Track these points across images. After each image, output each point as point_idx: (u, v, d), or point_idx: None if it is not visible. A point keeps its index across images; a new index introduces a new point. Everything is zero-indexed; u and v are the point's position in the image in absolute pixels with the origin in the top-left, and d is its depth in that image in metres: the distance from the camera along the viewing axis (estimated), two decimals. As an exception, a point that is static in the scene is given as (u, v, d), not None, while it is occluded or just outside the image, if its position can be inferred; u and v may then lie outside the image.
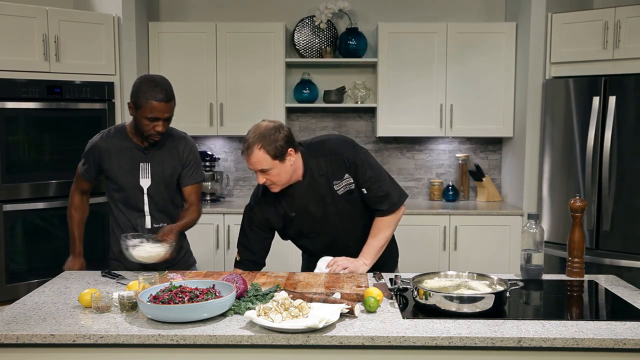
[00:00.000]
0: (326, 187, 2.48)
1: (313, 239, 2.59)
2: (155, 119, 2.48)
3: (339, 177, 2.48)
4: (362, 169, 2.48)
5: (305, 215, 2.52)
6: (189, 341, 1.79)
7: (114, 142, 2.62)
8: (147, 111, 2.46)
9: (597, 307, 2.26)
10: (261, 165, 2.34)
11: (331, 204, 2.50)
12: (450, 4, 4.77)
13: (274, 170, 2.36)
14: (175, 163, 2.66)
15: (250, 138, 2.34)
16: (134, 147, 2.61)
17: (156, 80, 2.50)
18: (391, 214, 2.53)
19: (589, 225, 3.88)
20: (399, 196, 2.55)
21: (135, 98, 2.48)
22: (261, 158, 2.33)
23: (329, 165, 2.48)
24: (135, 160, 2.61)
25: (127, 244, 2.42)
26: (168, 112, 2.50)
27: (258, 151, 2.32)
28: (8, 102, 3.74)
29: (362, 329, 1.84)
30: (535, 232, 2.42)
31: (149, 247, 2.39)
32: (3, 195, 3.75)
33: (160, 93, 2.46)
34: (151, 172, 2.61)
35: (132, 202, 2.64)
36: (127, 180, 2.61)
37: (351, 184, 2.49)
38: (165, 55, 4.50)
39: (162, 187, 2.65)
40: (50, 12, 3.86)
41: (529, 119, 4.24)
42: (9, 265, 3.78)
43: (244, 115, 4.54)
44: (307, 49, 4.73)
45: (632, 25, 3.77)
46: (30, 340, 1.80)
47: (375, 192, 2.50)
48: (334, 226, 2.54)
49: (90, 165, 2.67)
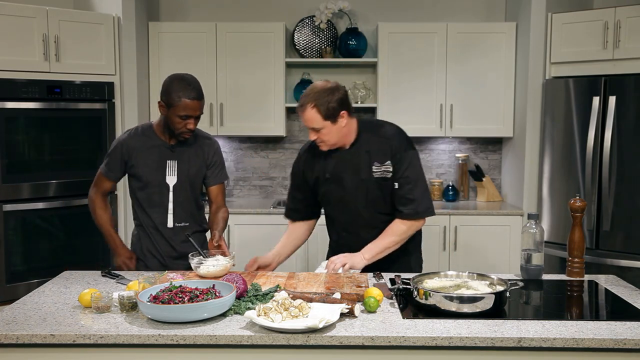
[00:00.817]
0: (366, 164, 2.52)
1: (337, 209, 2.62)
2: (188, 117, 2.54)
3: (381, 161, 2.51)
4: (403, 164, 2.50)
5: (337, 183, 2.56)
6: (189, 341, 1.79)
7: (141, 140, 2.66)
8: (179, 109, 2.51)
9: (597, 307, 2.26)
10: (312, 123, 2.43)
11: (364, 182, 2.53)
12: (450, 4, 4.77)
13: (324, 129, 2.44)
14: (200, 163, 2.72)
15: (305, 96, 2.44)
16: (162, 145, 2.66)
17: (187, 79, 2.56)
18: (410, 220, 2.52)
19: (589, 225, 3.88)
20: (425, 209, 2.54)
21: (167, 97, 2.54)
22: (313, 117, 2.41)
23: (376, 146, 2.53)
24: (162, 157, 2.65)
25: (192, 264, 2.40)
26: (199, 110, 2.56)
27: (310, 110, 2.41)
28: (8, 102, 3.74)
29: (362, 329, 1.84)
30: (535, 232, 2.42)
31: (210, 264, 2.37)
32: (3, 195, 3.75)
33: (192, 91, 2.53)
34: (177, 170, 2.66)
35: (157, 199, 2.66)
36: (154, 177, 2.64)
37: (389, 172, 2.51)
38: (165, 55, 4.50)
39: (188, 185, 2.70)
40: (50, 12, 3.86)
41: (529, 119, 4.24)
42: (9, 265, 3.78)
43: (244, 115, 4.54)
44: (307, 49, 4.73)
45: (632, 25, 3.77)
46: (30, 340, 1.80)
47: (404, 192, 2.51)
48: (358, 205, 2.56)
49: (116, 163, 2.68)
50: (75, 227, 4.04)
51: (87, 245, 4.11)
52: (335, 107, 2.41)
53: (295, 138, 4.89)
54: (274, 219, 4.27)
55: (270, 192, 4.93)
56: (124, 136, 2.71)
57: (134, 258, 2.71)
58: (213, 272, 2.33)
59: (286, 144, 4.90)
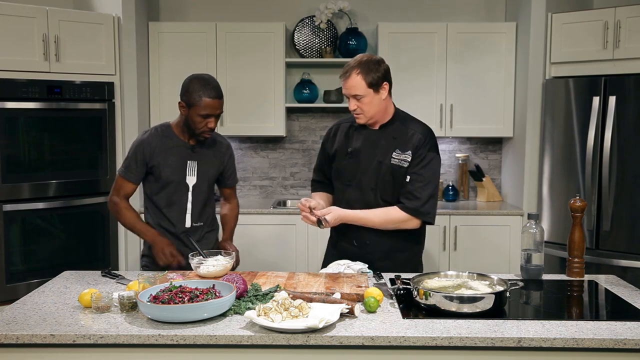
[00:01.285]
0: (387, 149, 2.55)
1: (348, 186, 2.64)
2: (208, 116, 2.56)
3: (402, 150, 2.54)
4: (423, 161, 2.53)
5: (356, 158, 2.60)
6: (189, 341, 1.79)
7: (162, 140, 2.66)
8: (200, 108, 2.54)
9: (597, 307, 2.26)
10: (355, 90, 2.46)
11: (380, 165, 2.55)
12: (450, 4, 4.77)
13: (366, 98, 2.47)
14: (218, 164, 2.76)
15: (351, 63, 2.48)
16: (183, 145, 2.66)
17: (206, 79, 2.59)
18: (408, 215, 2.52)
19: (589, 225, 3.88)
20: (427, 212, 2.54)
21: (188, 97, 2.56)
22: (357, 83, 2.45)
23: (404, 135, 2.56)
24: (183, 158, 2.66)
25: (192, 264, 2.40)
26: (220, 109, 2.59)
27: (356, 76, 2.45)
28: (8, 102, 3.74)
29: (362, 329, 1.84)
30: (535, 232, 2.42)
31: (210, 264, 2.37)
32: (3, 195, 3.75)
33: (212, 90, 2.56)
34: (197, 170, 2.68)
35: (176, 199, 2.67)
36: (174, 176, 2.64)
37: (407, 162, 2.53)
38: (165, 55, 4.50)
39: (206, 186, 2.72)
40: (50, 12, 3.86)
41: (529, 119, 4.24)
42: (8, 265, 3.78)
43: (244, 115, 4.54)
44: (307, 49, 4.73)
45: (632, 25, 3.77)
46: (30, 340, 1.80)
47: (413, 188, 2.52)
48: (368, 185, 2.58)
49: (137, 163, 2.65)
50: (75, 227, 4.04)
51: (87, 245, 4.11)
52: (379, 77, 2.47)
53: (295, 138, 4.89)
54: (274, 219, 4.27)
55: (270, 192, 4.93)
56: (145, 136, 2.68)
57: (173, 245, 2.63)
58: (213, 272, 2.33)
59: (286, 144, 4.90)
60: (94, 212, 4.11)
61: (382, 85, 2.49)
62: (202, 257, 2.43)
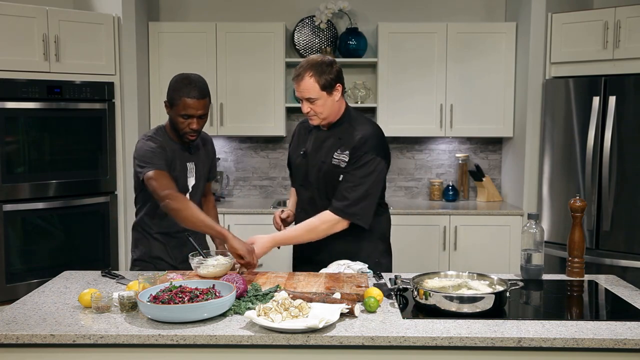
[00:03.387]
0: (331, 149, 2.56)
1: (300, 186, 2.68)
2: (189, 117, 2.49)
3: (343, 150, 2.54)
4: (357, 163, 2.49)
5: (305, 159, 2.63)
6: (189, 341, 1.79)
7: (167, 144, 2.59)
8: (181, 108, 2.48)
9: (597, 307, 2.26)
10: (309, 93, 2.45)
11: (323, 164, 2.56)
12: (450, 4, 4.77)
13: (319, 100, 2.46)
14: (208, 161, 2.76)
15: (302, 66, 2.45)
16: (181, 148, 2.63)
17: (190, 78, 2.51)
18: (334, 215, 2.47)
19: (589, 225, 3.88)
20: (355, 214, 2.46)
21: (170, 96, 2.52)
22: (310, 86, 2.43)
23: (347, 136, 2.54)
24: (183, 160, 2.62)
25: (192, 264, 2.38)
26: (202, 110, 2.50)
27: (309, 79, 2.43)
28: (8, 102, 3.74)
29: (362, 329, 1.84)
30: (535, 232, 2.42)
31: (210, 264, 2.35)
32: (3, 195, 3.75)
33: (193, 90, 2.48)
34: (196, 171, 2.66)
35: None
36: (181, 180, 2.59)
37: (345, 162, 2.52)
38: (165, 55, 4.50)
39: (202, 185, 2.72)
40: (50, 12, 3.86)
41: (529, 119, 4.24)
42: (8, 265, 3.78)
43: (244, 115, 4.54)
44: (307, 49, 4.73)
45: (632, 25, 3.77)
46: (30, 340, 1.80)
47: (343, 188, 2.49)
48: (314, 186, 2.61)
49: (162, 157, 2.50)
50: (75, 227, 4.04)
51: (87, 245, 4.11)
52: (332, 79, 2.45)
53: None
54: (274, 219, 4.27)
55: (270, 192, 4.93)
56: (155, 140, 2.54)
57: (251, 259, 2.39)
58: (213, 272, 2.33)
59: (286, 144, 4.89)
60: (94, 212, 4.11)
61: (335, 86, 2.46)
62: (202, 257, 2.42)
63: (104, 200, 4.12)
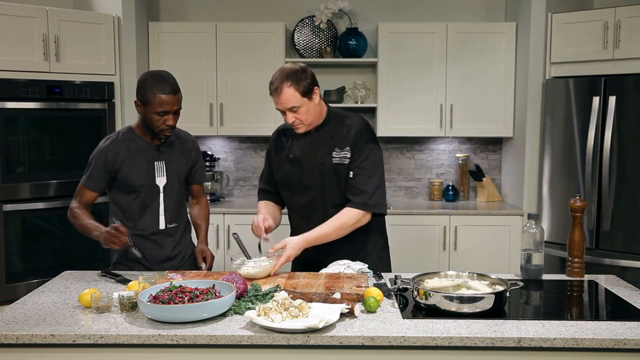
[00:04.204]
0: (327, 149, 2.55)
1: (295, 193, 2.64)
2: (165, 113, 2.49)
3: (340, 147, 2.54)
4: (362, 155, 2.52)
5: (298, 164, 2.60)
6: (189, 341, 1.79)
7: (125, 145, 2.59)
8: (156, 106, 2.47)
9: (597, 307, 2.26)
10: (291, 102, 2.44)
11: (322, 166, 2.55)
12: (450, 4, 4.77)
13: (302, 108, 2.46)
14: (186, 161, 2.71)
15: (278, 78, 2.44)
16: (147, 147, 2.60)
17: (161, 75, 2.53)
18: (358, 211, 2.50)
19: (589, 225, 3.88)
20: (376, 203, 2.52)
21: (143, 95, 2.50)
22: (291, 96, 2.42)
23: (340, 133, 2.55)
24: (149, 159, 2.60)
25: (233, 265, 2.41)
26: (177, 105, 2.52)
27: (288, 89, 2.42)
28: (8, 102, 3.74)
29: (362, 329, 1.84)
30: (535, 232, 2.42)
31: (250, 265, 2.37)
32: (3, 195, 3.75)
33: (167, 86, 2.48)
34: (166, 170, 2.63)
35: (148, 203, 2.62)
36: (144, 180, 2.59)
37: (347, 158, 2.53)
38: (165, 55, 4.50)
39: (177, 185, 2.68)
40: (50, 12, 3.86)
41: (529, 119, 4.24)
42: (8, 265, 3.78)
43: (244, 115, 4.54)
44: (307, 49, 4.73)
45: (632, 25, 3.77)
46: (30, 340, 1.80)
47: (357, 182, 2.51)
48: (314, 189, 2.58)
49: (99, 172, 2.58)
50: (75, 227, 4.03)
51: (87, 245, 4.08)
52: (309, 83, 2.46)
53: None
54: (274, 219, 4.27)
55: (270, 192, 4.93)
56: (106, 143, 2.60)
57: (116, 226, 2.44)
58: (252, 273, 2.34)
59: (286, 144, 4.89)
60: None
61: (313, 90, 2.48)
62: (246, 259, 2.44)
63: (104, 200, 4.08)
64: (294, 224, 2.72)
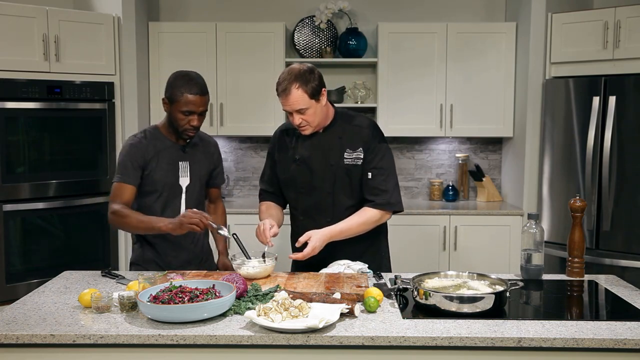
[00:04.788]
0: (337, 150, 2.54)
1: (302, 194, 2.62)
2: (191, 113, 2.49)
3: (353, 148, 2.53)
4: (377, 155, 2.53)
5: (306, 165, 2.57)
6: (189, 341, 1.79)
7: (153, 143, 2.58)
8: (182, 105, 2.47)
9: (597, 307, 2.26)
10: (299, 104, 2.42)
11: (333, 167, 2.54)
12: (450, 4, 4.77)
13: (310, 109, 2.44)
14: (208, 163, 2.72)
15: (286, 79, 2.42)
16: (172, 147, 2.60)
17: (190, 75, 2.53)
18: (381, 210, 2.53)
19: (589, 225, 3.88)
20: (397, 202, 2.56)
21: (170, 92, 2.50)
22: (299, 97, 2.41)
23: (350, 133, 2.55)
24: (174, 159, 2.60)
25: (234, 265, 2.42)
26: (203, 106, 2.51)
27: (296, 91, 2.41)
28: (8, 102, 3.74)
29: (362, 329, 1.84)
30: (535, 232, 2.42)
31: (251, 265, 2.37)
32: (3, 195, 3.75)
33: (195, 87, 2.48)
34: (190, 170, 2.63)
35: (170, 203, 2.61)
36: (168, 179, 2.58)
37: (360, 159, 2.53)
38: (165, 55, 4.50)
39: (198, 186, 2.68)
40: (50, 12, 3.86)
41: (529, 119, 4.24)
42: (8, 265, 3.78)
43: (244, 115, 4.54)
44: (307, 49, 4.73)
45: (632, 25, 3.77)
46: (30, 340, 1.80)
47: (377, 183, 2.52)
48: (324, 190, 2.57)
49: (133, 165, 2.52)
50: (75, 227, 4.04)
51: (87, 245, 4.11)
52: (317, 85, 2.45)
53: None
54: (274, 219, 4.27)
55: (270, 192, 4.93)
56: (135, 140, 2.57)
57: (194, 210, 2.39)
58: (252, 273, 2.34)
59: (286, 144, 4.89)
60: (94, 212, 4.11)
61: (321, 92, 2.46)
62: (246, 259, 2.43)
63: (104, 200, 4.12)
64: (299, 225, 2.67)
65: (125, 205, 2.50)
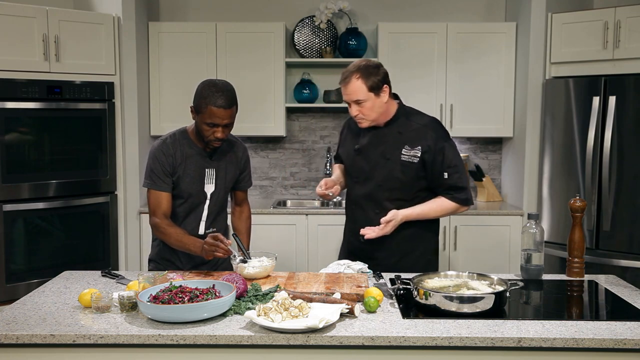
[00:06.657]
0: (395, 145, 2.56)
1: (355, 182, 2.68)
2: (215, 125, 2.42)
3: (412, 145, 2.55)
4: (449, 154, 2.56)
5: (362, 155, 2.62)
6: (189, 341, 1.79)
7: (180, 149, 2.54)
8: (206, 117, 2.41)
9: (597, 307, 2.26)
10: (357, 95, 2.45)
11: (388, 161, 2.56)
12: (450, 4, 4.77)
13: (367, 102, 2.47)
14: (235, 169, 2.68)
15: (349, 69, 2.48)
16: (199, 153, 2.56)
17: (218, 85, 2.43)
18: (458, 205, 2.61)
19: (589, 225, 3.88)
20: (472, 197, 2.70)
21: (197, 102, 2.44)
22: (357, 88, 2.44)
23: (410, 130, 2.57)
24: (201, 166, 2.56)
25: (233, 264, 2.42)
26: (228, 119, 2.43)
27: (356, 81, 2.44)
28: (8, 102, 3.74)
29: (362, 329, 1.84)
30: (535, 232, 2.42)
31: (251, 265, 2.37)
32: (3, 195, 3.75)
33: (220, 98, 2.39)
34: (216, 178, 2.59)
35: (193, 208, 2.59)
36: (194, 187, 2.55)
37: (417, 157, 2.55)
38: (165, 55, 4.50)
39: (223, 193, 2.65)
40: (50, 12, 3.86)
41: (529, 119, 4.24)
42: (9, 265, 3.78)
43: (244, 115, 4.51)
44: (307, 49, 4.73)
45: (632, 25, 3.77)
46: (30, 340, 1.80)
47: (455, 181, 2.58)
48: (376, 182, 2.59)
49: (165, 169, 2.51)
50: (75, 227, 4.04)
51: (87, 245, 4.11)
52: (379, 80, 2.47)
53: (295, 138, 4.89)
54: (274, 219, 4.27)
55: (270, 192, 4.93)
56: (164, 147, 2.53)
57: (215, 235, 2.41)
58: (252, 273, 2.34)
59: (286, 144, 4.90)
60: (94, 212, 4.11)
61: (382, 88, 2.49)
62: (245, 258, 2.43)
63: (104, 200, 4.12)
64: (348, 214, 2.75)
65: (165, 216, 2.52)
